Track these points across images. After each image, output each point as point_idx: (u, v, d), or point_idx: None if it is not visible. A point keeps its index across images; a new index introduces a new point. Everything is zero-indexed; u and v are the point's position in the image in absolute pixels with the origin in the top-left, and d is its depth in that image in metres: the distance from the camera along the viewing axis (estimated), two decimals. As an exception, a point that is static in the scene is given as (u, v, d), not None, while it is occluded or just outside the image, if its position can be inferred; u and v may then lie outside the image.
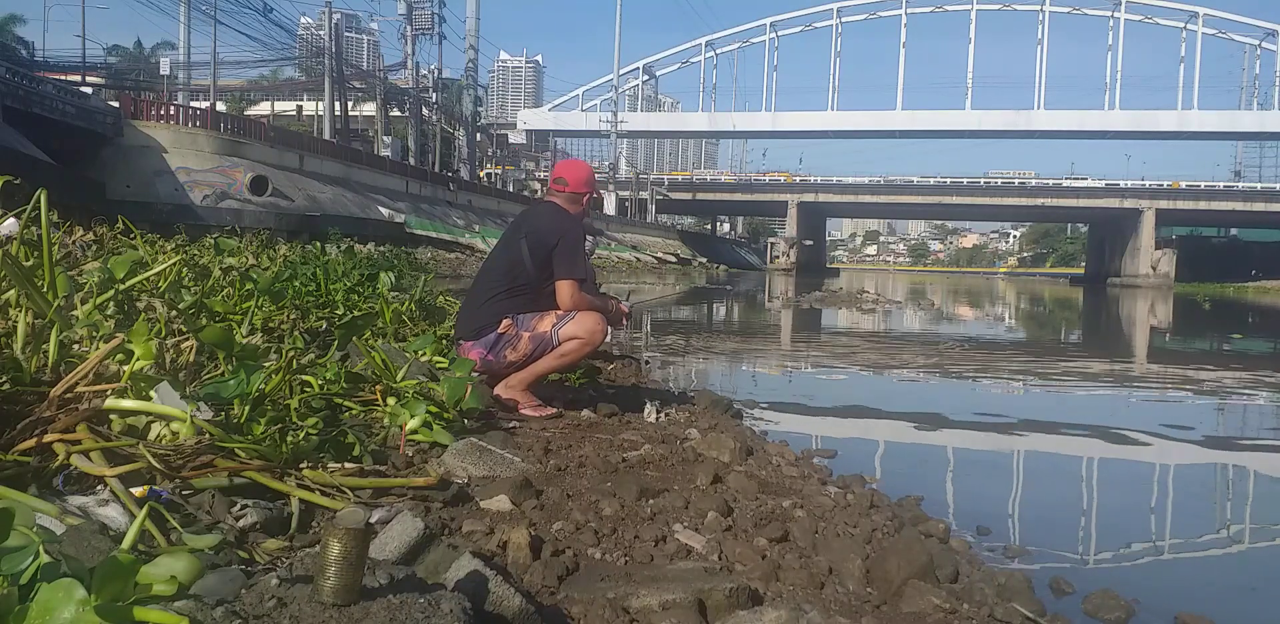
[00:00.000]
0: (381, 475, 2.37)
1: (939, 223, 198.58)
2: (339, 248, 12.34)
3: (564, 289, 3.76)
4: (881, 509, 2.92)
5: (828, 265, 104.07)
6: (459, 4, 65.26)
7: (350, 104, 48.86)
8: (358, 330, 4.05)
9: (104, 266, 3.22)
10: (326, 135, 41.24)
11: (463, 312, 4.05)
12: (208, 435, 2.10)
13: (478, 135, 60.48)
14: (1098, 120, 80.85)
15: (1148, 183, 74.44)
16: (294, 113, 58.97)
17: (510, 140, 78.09)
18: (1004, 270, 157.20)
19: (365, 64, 78.73)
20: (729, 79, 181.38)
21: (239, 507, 1.92)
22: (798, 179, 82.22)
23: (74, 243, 5.52)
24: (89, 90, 32.49)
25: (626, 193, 75.82)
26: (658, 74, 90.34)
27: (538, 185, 67.88)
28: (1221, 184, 75.08)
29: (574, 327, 3.71)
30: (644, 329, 11.65)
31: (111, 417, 2.11)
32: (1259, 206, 70.04)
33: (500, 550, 1.99)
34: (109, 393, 2.12)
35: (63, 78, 35.11)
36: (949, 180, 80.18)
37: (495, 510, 2.30)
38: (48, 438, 1.95)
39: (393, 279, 6.21)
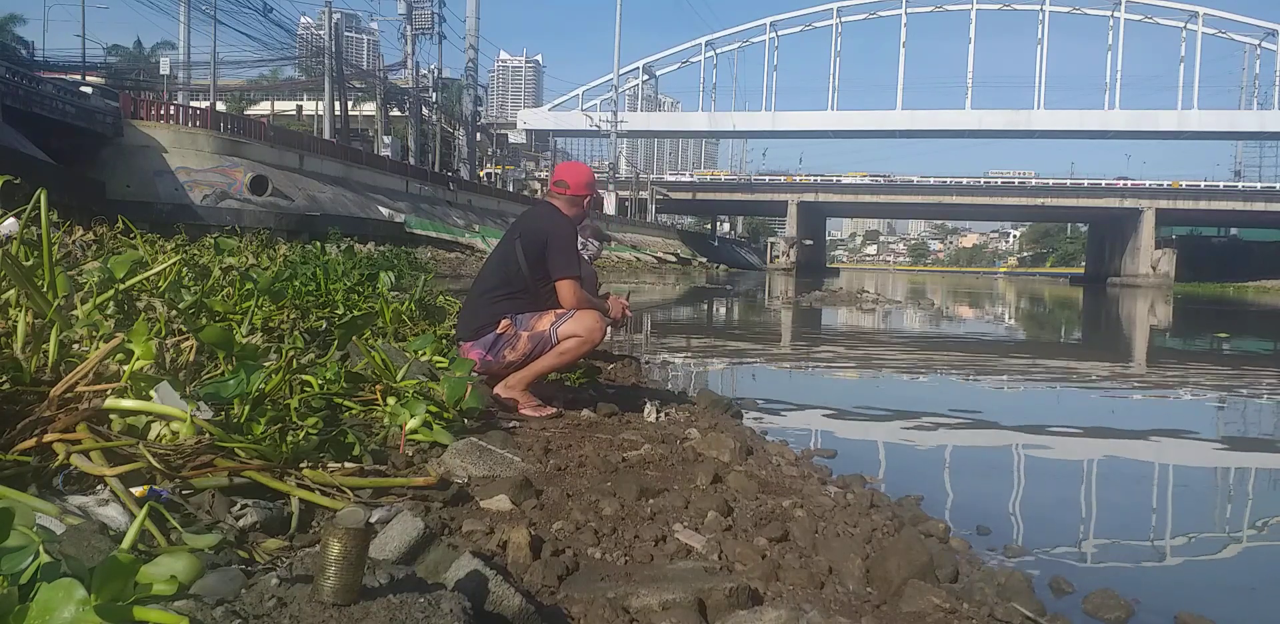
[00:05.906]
0: (381, 475, 2.37)
1: (939, 223, 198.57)
2: (339, 247, 12.31)
3: (564, 288, 3.77)
4: (881, 509, 2.92)
5: (827, 265, 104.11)
6: (459, 4, 65.48)
7: (350, 104, 48.84)
8: (358, 330, 4.05)
9: (104, 266, 3.21)
10: (326, 135, 41.22)
11: (463, 313, 4.07)
12: (208, 435, 2.09)
13: (478, 135, 60.48)
14: (1098, 120, 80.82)
15: (1148, 182, 74.46)
16: (294, 112, 58.94)
17: (510, 140, 78.07)
18: (1004, 270, 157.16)
19: (365, 64, 78.73)
20: (729, 79, 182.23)
21: (239, 506, 1.92)
22: (797, 179, 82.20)
23: (74, 243, 5.52)
24: (89, 90, 32.44)
25: (626, 193, 75.80)
26: (658, 74, 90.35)
27: (538, 185, 67.85)
28: (1221, 184, 75.13)
29: (573, 324, 3.72)
30: (644, 329, 11.65)
31: (111, 416, 2.11)
32: (1259, 206, 70.08)
33: (500, 550, 1.99)
34: (109, 393, 2.12)
35: (63, 77, 35.07)
36: (949, 180, 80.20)
37: (495, 510, 2.30)
38: (48, 438, 1.95)
39: (393, 279, 6.20)
